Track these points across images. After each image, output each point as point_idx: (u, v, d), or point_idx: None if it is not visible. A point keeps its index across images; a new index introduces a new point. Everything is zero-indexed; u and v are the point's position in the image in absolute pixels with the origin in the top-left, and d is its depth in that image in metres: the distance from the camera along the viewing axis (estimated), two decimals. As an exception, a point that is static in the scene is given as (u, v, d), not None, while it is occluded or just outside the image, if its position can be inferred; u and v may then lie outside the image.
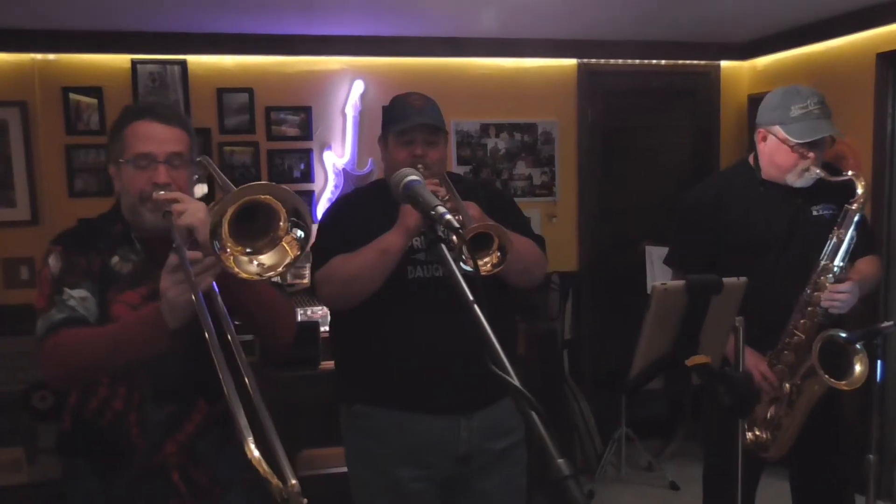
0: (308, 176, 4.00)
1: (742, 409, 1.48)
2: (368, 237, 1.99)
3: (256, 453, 1.20)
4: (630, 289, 4.15)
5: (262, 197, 1.40)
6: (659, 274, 3.85)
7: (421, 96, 2.15)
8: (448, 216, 1.14)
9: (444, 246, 1.16)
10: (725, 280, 1.54)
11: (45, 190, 3.72)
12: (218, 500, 1.76)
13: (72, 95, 3.72)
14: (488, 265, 1.85)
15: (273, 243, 1.45)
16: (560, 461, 0.83)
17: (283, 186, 1.44)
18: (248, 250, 1.44)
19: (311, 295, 3.07)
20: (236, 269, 1.42)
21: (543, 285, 4.21)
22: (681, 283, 1.53)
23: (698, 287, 1.52)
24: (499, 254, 1.83)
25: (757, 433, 2.34)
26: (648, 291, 4.11)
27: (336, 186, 3.99)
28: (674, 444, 4.35)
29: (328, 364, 3.24)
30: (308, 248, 1.48)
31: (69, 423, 1.74)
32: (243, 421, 1.25)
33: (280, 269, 1.45)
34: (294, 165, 3.99)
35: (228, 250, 1.40)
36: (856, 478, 2.36)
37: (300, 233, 1.45)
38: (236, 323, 1.78)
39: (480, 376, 1.07)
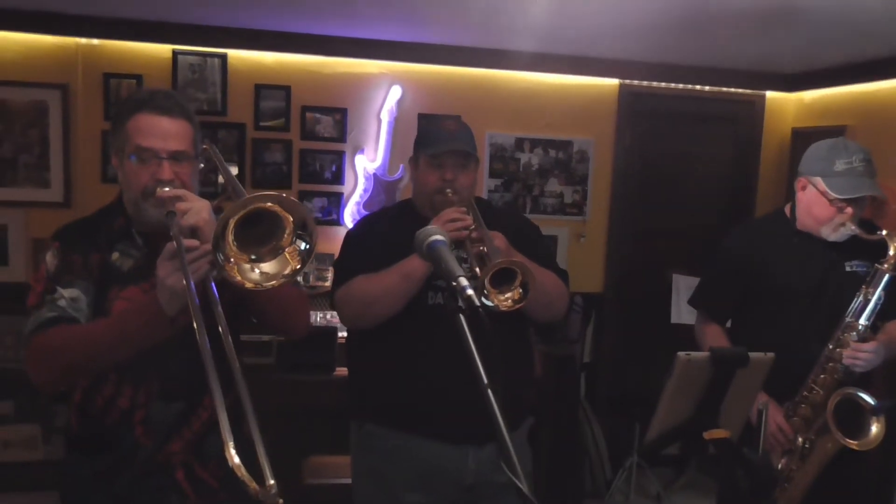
0: (339, 178, 3.99)
1: (759, 495, 1.44)
2: (392, 259, 1.97)
3: (236, 459, 1.19)
4: (654, 315, 4.10)
5: (270, 206, 1.39)
6: (684, 306, 3.79)
7: (454, 120, 2.13)
8: (470, 291, 1.12)
9: (463, 318, 1.13)
10: (752, 354, 1.50)
11: (79, 173, 3.76)
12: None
13: (112, 80, 3.74)
14: (509, 301, 1.82)
15: (275, 252, 1.44)
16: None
17: (293, 199, 1.42)
18: (252, 257, 1.43)
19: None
20: (239, 279, 1.41)
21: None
22: (706, 354, 1.49)
23: (724, 360, 1.47)
24: (520, 290, 1.81)
25: (768, 485, 2.31)
26: (672, 320, 4.06)
27: (366, 190, 3.97)
28: (685, 476, 4.28)
29: (343, 370, 3.24)
30: (310, 262, 1.46)
31: (74, 421, 1.73)
32: (225, 422, 1.24)
33: (280, 279, 1.44)
34: (326, 166, 3.98)
35: (233, 260, 1.40)
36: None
37: (304, 245, 1.44)
38: (253, 320, 1.79)
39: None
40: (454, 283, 1.15)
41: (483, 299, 1.77)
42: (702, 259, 2.66)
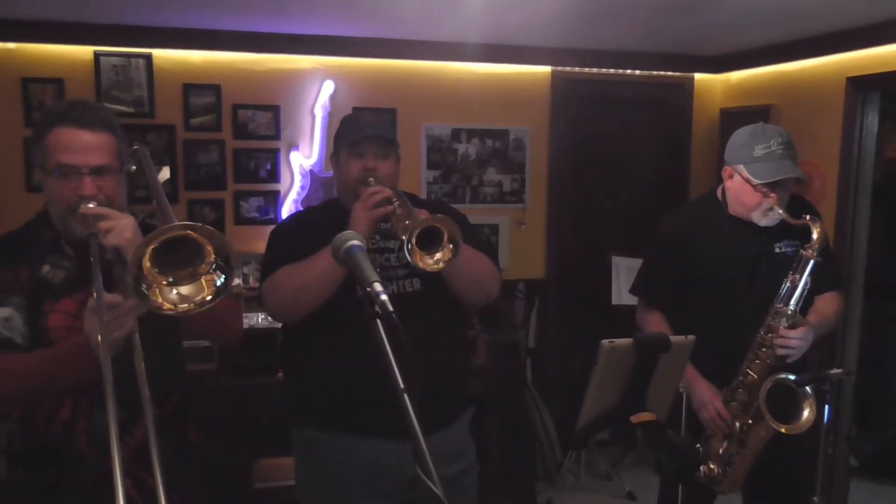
0: (274, 176, 3.94)
1: (683, 477, 1.48)
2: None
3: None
4: (596, 298, 4.17)
5: (192, 234, 1.39)
6: (624, 287, 3.87)
7: (372, 113, 2.12)
8: (384, 296, 1.12)
9: (379, 323, 1.13)
10: (673, 338, 1.54)
11: (2, 183, 3.62)
12: None
13: (32, 85, 3.61)
14: (441, 263, 1.82)
15: (192, 277, 1.43)
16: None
17: (213, 229, 1.42)
18: (169, 279, 1.42)
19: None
20: (159, 301, 1.40)
21: (509, 293, 4.21)
22: (628, 341, 1.52)
23: (646, 345, 1.51)
24: (451, 246, 1.81)
25: (711, 466, 2.36)
26: (613, 302, 4.13)
27: (302, 187, 3.93)
28: (632, 454, 4.39)
29: (288, 371, 3.21)
30: (224, 295, 1.44)
31: (16, 437, 1.70)
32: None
33: (193, 304, 1.42)
34: (260, 165, 3.92)
35: (154, 285, 1.39)
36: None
37: (222, 278, 1.43)
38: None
39: (430, 400, 1.05)
40: (368, 289, 1.15)
41: (410, 259, 1.77)
42: (640, 241, 2.71)
